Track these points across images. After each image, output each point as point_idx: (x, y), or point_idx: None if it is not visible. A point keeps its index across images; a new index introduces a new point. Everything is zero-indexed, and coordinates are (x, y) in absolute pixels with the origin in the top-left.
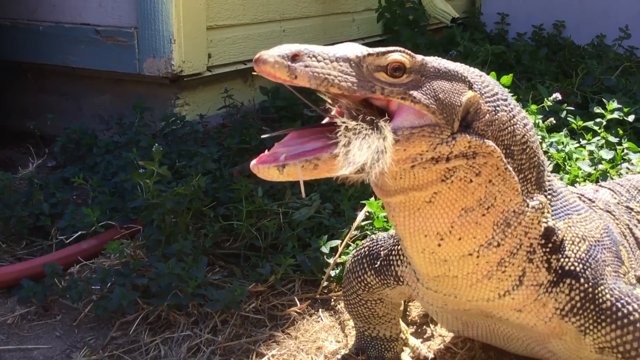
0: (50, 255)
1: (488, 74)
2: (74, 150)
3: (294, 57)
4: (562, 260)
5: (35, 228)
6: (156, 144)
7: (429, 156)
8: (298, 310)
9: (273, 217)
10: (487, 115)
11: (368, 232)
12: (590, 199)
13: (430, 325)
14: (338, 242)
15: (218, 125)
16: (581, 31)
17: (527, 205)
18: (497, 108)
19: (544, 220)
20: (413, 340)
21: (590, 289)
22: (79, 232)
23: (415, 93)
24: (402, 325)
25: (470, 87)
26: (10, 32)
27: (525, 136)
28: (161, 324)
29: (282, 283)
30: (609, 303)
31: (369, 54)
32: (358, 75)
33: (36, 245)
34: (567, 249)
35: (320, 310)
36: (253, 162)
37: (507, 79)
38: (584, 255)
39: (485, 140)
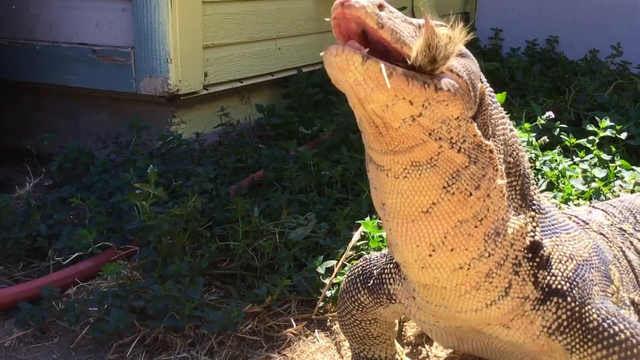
0: (47, 277)
1: None
2: (71, 170)
3: (380, 7)
4: (549, 278)
5: (32, 249)
6: (151, 166)
7: (455, 125)
8: (294, 332)
9: (269, 237)
10: (489, 108)
11: (364, 252)
12: (584, 221)
13: (426, 345)
14: (334, 262)
15: (214, 143)
16: (574, 46)
17: (511, 213)
18: (494, 104)
19: (531, 233)
20: None
21: (577, 308)
22: (76, 254)
23: (458, 65)
24: (398, 346)
25: (481, 80)
26: (8, 52)
27: (513, 138)
28: (158, 345)
29: (278, 304)
30: (595, 323)
31: (426, 24)
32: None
33: (33, 267)
34: (554, 267)
35: (316, 330)
36: (329, 50)
37: (500, 97)
38: (571, 274)
39: (487, 141)
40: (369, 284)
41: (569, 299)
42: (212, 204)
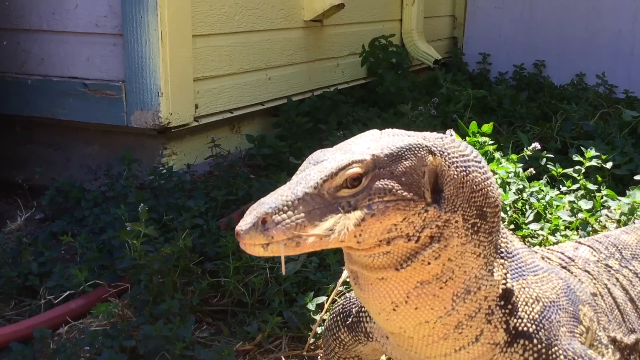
0: (38, 317)
1: (470, 117)
2: (62, 203)
3: (264, 222)
4: (515, 320)
5: (23, 287)
6: (142, 204)
7: (404, 228)
8: None
9: (260, 272)
10: (456, 177)
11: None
12: (570, 257)
13: None
14: (324, 298)
15: (205, 173)
16: (561, 70)
17: (488, 270)
18: (468, 169)
19: (502, 281)
20: None
21: (543, 350)
22: (67, 292)
23: (378, 189)
24: None
25: (431, 153)
26: None
27: (498, 199)
28: None
29: (269, 340)
30: None
31: (323, 182)
32: (322, 204)
33: (25, 305)
34: (520, 309)
35: None
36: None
37: (487, 127)
38: (537, 316)
39: (452, 214)
40: (348, 322)
41: (535, 340)
42: (203, 239)
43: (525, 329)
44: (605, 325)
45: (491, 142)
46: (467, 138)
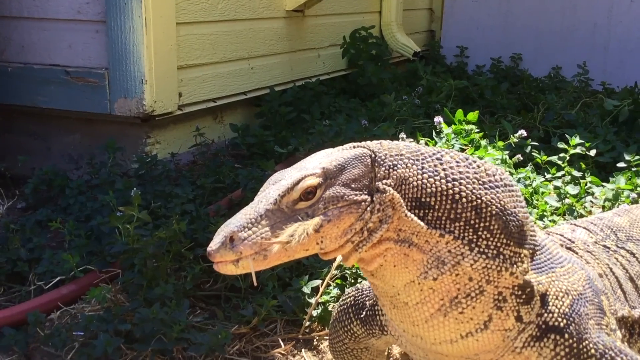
0: (31, 302)
1: (452, 108)
2: (45, 192)
3: (232, 239)
4: (545, 315)
5: (12, 274)
6: (135, 189)
7: (359, 227)
8: (282, 352)
9: None
10: (390, 172)
11: (348, 272)
12: (569, 239)
13: None
14: (319, 282)
15: (189, 163)
16: (538, 63)
17: (474, 252)
18: (398, 164)
19: (522, 272)
20: None
21: (575, 344)
22: (58, 278)
23: (331, 197)
24: None
25: (370, 157)
26: None
27: (450, 189)
28: None
29: (264, 324)
30: (593, 358)
31: (281, 197)
32: (283, 217)
33: (14, 292)
34: (550, 304)
35: (303, 350)
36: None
37: (473, 115)
38: (567, 310)
39: (385, 191)
40: (362, 316)
41: (566, 335)
42: (194, 226)
43: (556, 323)
44: (613, 306)
45: (477, 130)
46: (454, 126)
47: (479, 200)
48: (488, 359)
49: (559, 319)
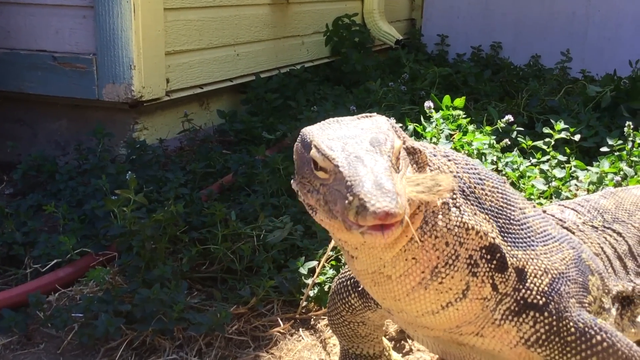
0: (29, 284)
1: (436, 94)
2: (34, 177)
3: (397, 194)
4: (523, 291)
5: (7, 257)
6: (130, 172)
7: None
8: (281, 331)
9: (247, 240)
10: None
11: (343, 253)
12: (560, 219)
13: (408, 340)
14: (315, 263)
15: (176, 149)
16: (518, 52)
17: (451, 211)
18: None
19: (491, 234)
20: (395, 356)
21: (554, 322)
22: (55, 261)
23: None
24: (385, 341)
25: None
26: None
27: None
28: (146, 348)
29: (262, 304)
30: (573, 336)
31: (391, 151)
32: (395, 165)
33: (10, 275)
34: (528, 281)
35: (300, 329)
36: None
37: (459, 101)
38: (546, 288)
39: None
40: (360, 288)
41: (546, 313)
42: (188, 209)
43: (534, 301)
44: (607, 284)
45: (464, 116)
46: (442, 112)
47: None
48: (470, 332)
49: (538, 297)
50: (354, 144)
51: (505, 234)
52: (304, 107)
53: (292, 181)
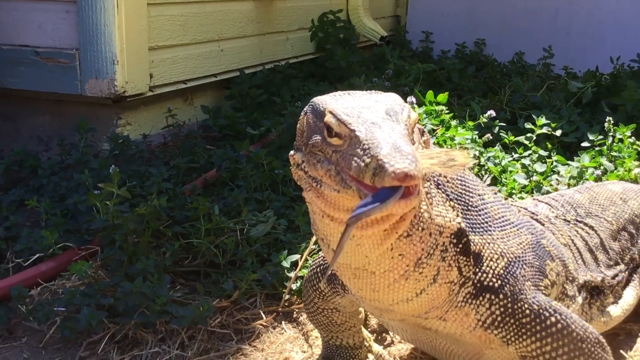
0: (11, 278)
1: (420, 91)
2: (16, 173)
3: (416, 160)
4: (480, 274)
5: None
6: (113, 166)
7: None
8: (264, 324)
9: (230, 234)
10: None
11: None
12: (532, 212)
13: (390, 332)
14: (297, 256)
15: (160, 144)
16: (501, 49)
17: (437, 205)
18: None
19: (457, 219)
20: (377, 347)
21: (509, 304)
22: (37, 255)
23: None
24: (365, 333)
25: None
26: None
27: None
28: (128, 342)
29: (245, 298)
30: (528, 318)
31: (406, 125)
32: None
33: None
34: (485, 264)
35: (283, 322)
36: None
37: (442, 97)
38: (502, 271)
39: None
40: (327, 274)
41: (501, 295)
42: (171, 204)
43: (490, 284)
44: (575, 274)
45: (447, 111)
46: (425, 107)
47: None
48: (435, 316)
49: (494, 280)
50: (369, 112)
51: (464, 219)
52: (288, 102)
53: (291, 153)
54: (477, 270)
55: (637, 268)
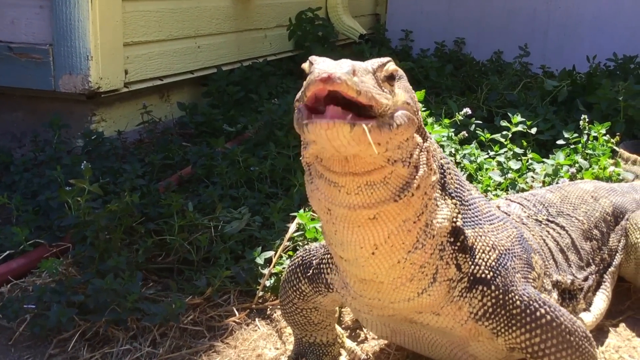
0: None
1: None
2: None
3: (354, 73)
4: (472, 267)
5: None
6: (85, 162)
7: (406, 145)
8: (237, 320)
9: (205, 231)
10: (420, 113)
11: (300, 243)
12: (505, 212)
13: (363, 329)
14: (271, 253)
15: (135, 141)
16: (480, 47)
17: (438, 203)
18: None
19: (453, 219)
20: (349, 343)
21: (500, 296)
22: (7, 252)
23: (407, 97)
24: (338, 329)
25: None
26: None
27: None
28: (99, 339)
29: (218, 295)
30: (518, 309)
31: (378, 66)
32: (377, 86)
33: None
34: (477, 257)
35: (256, 319)
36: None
37: (419, 94)
38: (494, 263)
39: (425, 143)
40: (309, 274)
41: (492, 287)
42: (145, 200)
43: (483, 275)
44: (547, 271)
45: (423, 109)
46: None
47: (439, 153)
48: (430, 312)
49: (486, 271)
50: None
51: (459, 215)
52: (265, 100)
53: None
54: (471, 263)
55: (607, 268)
